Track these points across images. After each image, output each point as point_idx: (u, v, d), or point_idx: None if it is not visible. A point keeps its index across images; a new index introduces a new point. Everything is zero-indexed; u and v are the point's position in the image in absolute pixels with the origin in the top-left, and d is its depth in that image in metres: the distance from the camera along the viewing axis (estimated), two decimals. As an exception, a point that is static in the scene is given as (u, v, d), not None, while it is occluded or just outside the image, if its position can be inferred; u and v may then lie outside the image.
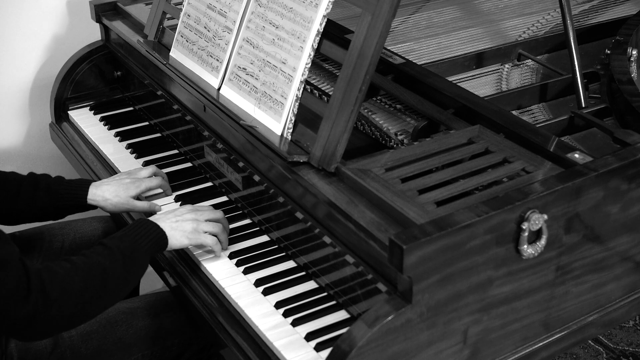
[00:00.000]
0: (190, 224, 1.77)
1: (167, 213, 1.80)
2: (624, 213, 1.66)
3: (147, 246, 1.70)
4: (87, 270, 1.60)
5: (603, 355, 2.79)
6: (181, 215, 1.78)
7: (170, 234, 1.75)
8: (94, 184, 1.96)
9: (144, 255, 1.70)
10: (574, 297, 1.68)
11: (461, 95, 1.87)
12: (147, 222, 1.75)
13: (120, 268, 1.64)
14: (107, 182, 1.97)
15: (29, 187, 1.93)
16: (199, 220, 1.79)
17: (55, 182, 1.95)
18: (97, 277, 1.61)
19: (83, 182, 1.97)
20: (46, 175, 1.98)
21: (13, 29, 2.52)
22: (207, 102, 1.98)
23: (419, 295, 1.43)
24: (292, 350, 1.57)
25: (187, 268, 1.83)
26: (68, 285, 1.57)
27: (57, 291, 1.55)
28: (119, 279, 1.64)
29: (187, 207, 1.82)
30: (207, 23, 2.02)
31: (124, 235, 1.70)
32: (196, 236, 1.77)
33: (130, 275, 1.67)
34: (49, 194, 1.93)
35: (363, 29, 1.64)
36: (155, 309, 1.90)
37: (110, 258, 1.64)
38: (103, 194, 1.94)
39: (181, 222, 1.77)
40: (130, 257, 1.66)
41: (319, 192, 1.63)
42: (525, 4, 2.52)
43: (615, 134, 1.72)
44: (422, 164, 1.64)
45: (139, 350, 1.84)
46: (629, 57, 2.05)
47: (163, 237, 1.74)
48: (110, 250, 1.65)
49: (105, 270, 1.62)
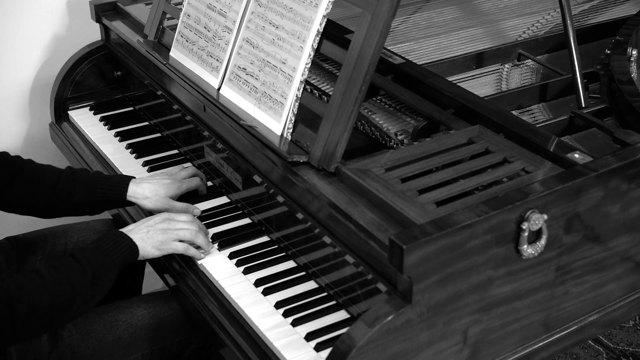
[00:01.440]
0: (160, 234, 1.78)
1: (140, 223, 1.80)
2: (624, 213, 1.66)
3: (118, 259, 1.71)
4: (55, 286, 1.61)
5: (603, 355, 2.79)
6: (153, 226, 1.79)
7: (141, 245, 1.76)
8: (134, 180, 1.95)
9: (113, 268, 1.71)
10: (574, 297, 1.68)
11: (461, 95, 1.87)
12: (119, 234, 1.75)
13: (88, 283, 1.65)
14: (148, 180, 1.97)
15: (67, 181, 1.93)
16: (170, 229, 1.79)
17: (94, 176, 1.95)
18: (65, 293, 1.62)
19: (123, 177, 1.98)
20: (84, 169, 1.99)
21: (13, 29, 2.52)
22: (207, 102, 1.98)
23: (419, 295, 1.43)
24: (292, 350, 1.57)
25: (186, 268, 1.83)
26: (36, 302, 1.58)
27: (24, 308, 1.57)
28: (85, 294, 1.65)
29: (162, 216, 1.82)
30: (207, 23, 2.02)
31: (96, 248, 1.71)
32: (166, 247, 1.78)
33: (97, 290, 1.68)
34: (87, 189, 1.93)
35: (363, 29, 1.64)
36: (155, 309, 1.90)
37: (79, 274, 1.65)
38: (143, 191, 1.93)
39: (152, 233, 1.77)
40: (99, 271, 1.67)
41: (319, 192, 1.63)
42: (525, 4, 2.52)
43: (615, 134, 1.72)
44: (422, 164, 1.64)
45: (139, 349, 1.84)
46: (629, 57, 2.05)
47: (134, 249, 1.74)
48: (80, 264, 1.66)
49: (74, 286, 1.63)
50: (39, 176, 1.93)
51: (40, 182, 1.93)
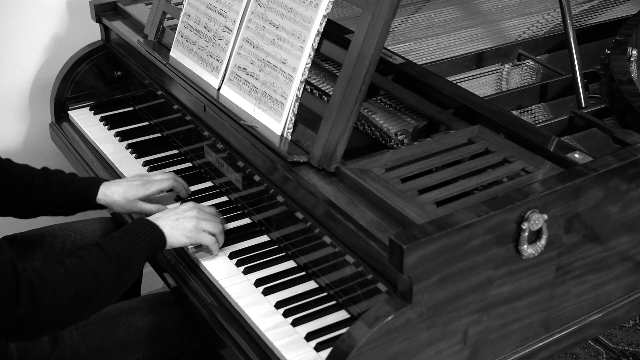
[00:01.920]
0: (191, 221, 1.76)
1: (168, 211, 1.79)
2: (624, 213, 1.66)
3: (144, 247, 1.69)
4: (79, 275, 1.59)
5: (603, 355, 2.79)
6: (182, 214, 1.77)
7: (170, 232, 1.74)
8: (105, 183, 1.94)
9: (140, 257, 1.68)
10: (574, 297, 1.68)
11: (461, 95, 1.87)
12: (146, 222, 1.73)
13: (114, 272, 1.63)
14: (118, 182, 1.95)
15: (40, 182, 1.92)
16: (199, 218, 1.78)
17: (67, 178, 1.95)
18: (90, 282, 1.59)
19: (94, 180, 1.96)
20: (59, 171, 1.97)
21: (13, 29, 2.52)
22: (207, 102, 1.98)
23: (419, 295, 1.43)
24: (292, 350, 1.57)
25: (187, 268, 1.83)
26: (59, 291, 1.56)
27: (47, 297, 1.54)
28: (112, 283, 1.63)
29: (189, 205, 1.81)
30: (207, 23, 2.02)
31: (122, 236, 1.68)
32: (196, 234, 1.76)
33: (124, 278, 1.66)
34: (60, 190, 1.92)
35: (363, 29, 1.64)
36: (156, 309, 1.90)
37: (104, 262, 1.62)
38: (112, 194, 1.92)
39: (182, 221, 1.76)
40: (125, 260, 1.65)
41: (319, 192, 1.63)
42: (525, 4, 2.52)
43: (615, 134, 1.72)
44: (422, 164, 1.64)
45: (139, 350, 1.84)
46: (629, 57, 2.05)
47: (161, 237, 1.73)
48: (105, 252, 1.63)
49: (99, 274, 1.61)
50: (15, 176, 1.92)
51: (15, 183, 1.92)
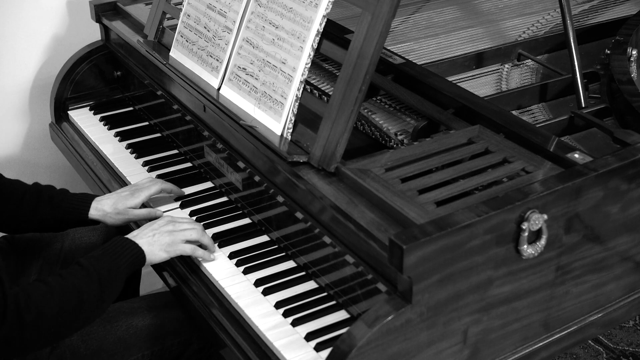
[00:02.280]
0: (167, 236, 1.77)
1: (144, 228, 1.79)
2: (624, 213, 1.66)
3: (124, 265, 1.70)
4: (62, 293, 1.60)
5: (603, 355, 2.79)
6: (158, 229, 1.78)
7: (148, 249, 1.74)
8: (97, 199, 1.95)
9: (120, 275, 1.69)
10: (574, 297, 1.68)
11: (461, 95, 1.87)
12: (125, 240, 1.74)
13: (96, 289, 1.64)
14: (108, 196, 1.97)
15: (31, 198, 1.93)
16: (176, 231, 1.78)
17: (58, 194, 1.95)
18: (73, 300, 1.61)
19: (86, 196, 1.96)
20: (50, 186, 1.98)
21: (13, 29, 2.52)
22: (207, 102, 1.98)
23: (419, 295, 1.43)
24: (292, 350, 1.57)
25: (187, 268, 1.83)
26: (44, 309, 1.57)
27: (32, 316, 1.55)
28: (94, 301, 1.64)
29: (165, 219, 1.81)
30: (207, 23, 2.02)
31: (102, 255, 1.69)
32: (174, 248, 1.77)
33: (106, 296, 1.66)
34: (52, 206, 1.93)
35: (363, 29, 1.64)
36: (155, 309, 1.90)
37: (86, 280, 1.63)
38: (103, 207, 1.93)
39: (158, 236, 1.76)
40: (107, 278, 1.66)
41: (319, 192, 1.63)
42: (525, 4, 2.52)
43: (615, 134, 1.72)
44: (422, 164, 1.64)
45: (139, 350, 1.84)
46: (629, 57, 2.05)
47: (140, 255, 1.73)
48: (87, 271, 1.64)
49: (81, 292, 1.62)
50: (6, 192, 1.93)
51: (7, 198, 1.92)
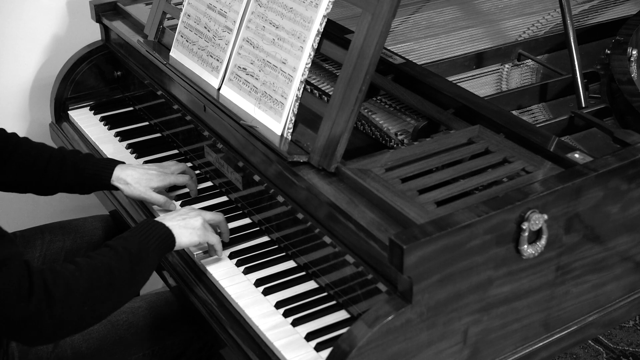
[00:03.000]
0: (198, 220, 1.76)
1: (171, 213, 1.79)
2: (624, 213, 1.66)
3: (154, 245, 1.68)
4: (92, 270, 1.57)
5: (603, 355, 2.79)
6: (187, 214, 1.77)
7: (179, 232, 1.73)
8: (120, 166, 1.96)
9: (151, 254, 1.67)
10: (574, 297, 1.68)
11: (461, 95, 1.87)
12: (153, 222, 1.73)
13: (127, 267, 1.61)
14: (134, 167, 1.97)
15: (56, 163, 1.95)
16: (204, 217, 1.78)
17: (82, 159, 1.97)
18: (103, 277, 1.58)
19: (110, 162, 1.98)
20: (76, 151, 2.00)
21: (13, 29, 2.52)
22: (207, 102, 1.98)
23: (419, 295, 1.43)
24: (292, 350, 1.57)
25: (187, 268, 1.83)
26: (73, 285, 1.53)
27: (61, 291, 1.51)
28: (126, 278, 1.61)
29: (189, 207, 1.82)
30: (207, 23, 2.02)
31: (130, 236, 1.67)
32: (204, 233, 1.76)
33: (138, 274, 1.64)
34: (75, 171, 1.94)
35: (363, 29, 1.64)
36: (156, 309, 1.90)
37: (116, 258, 1.61)
38: (125, 177, 1.94)
39: (189, 220, 1.75)
40: (137, 256, 1.64)
41: (319, 192, 1.63)
42: (525, 4, 2.52)
43: (615, 134, 1.72)
44: (422, 164, 1.64)
45: (140, 349, 1.84)
46: (629, 57, 2.05)
47: (170, 237, 1.71)
48: (115, 250, 1.62)
49: (112, 269, 1.59)
50: (32, 156, 1.95)
51: (33, 164, 1.94)
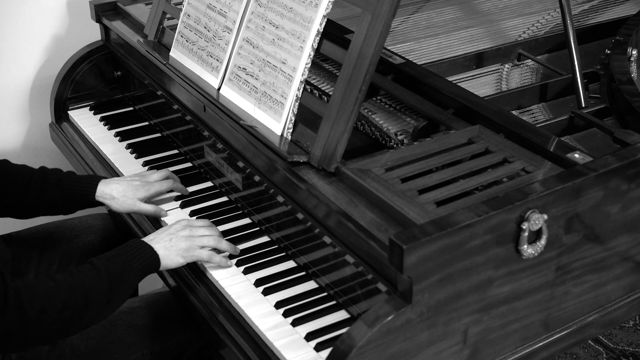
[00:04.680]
0: (185, 241, 1.75)
1: (161, 232, 1.78)
2: (624, 213, 1.66)
3: (137, 268, 1.68)
4: (69, 290, 1.58)
5: (603, 355, 2.79)
6: (175, 233, 1.76)
7: (164, 254, 1.73)
8: (104, 181, 1.95)
9: (133, 278, 1.68)
10: (574, 297, 1.68)
11: (461, 95, 1.87)
12: (140, 243, 1.73)
13: (104, 290, 1.62)
14: (117, 180, 1.96)
15: (38, 181, 1.93)
16: (193, 236, 1.77)
17: (65, 177, 1.95)
18: (79, 299, 1.59)
19: (93, 178, 1.97)
20: (57, 169, 1.98)
21: (13, 29, 2.52)
22: (207, 102, 1.98)
23: (419, 295, 1.43)
24: (292, 350, 1.57)
25: (186, 268, 1.83)
26: (47, 305, 1.55)
27: (35, 310, 1.53)
28: (101, 301, 1.62)
29: (181, 223, 1.80)
30: (207, 23, 2.02)
31: (115, 256, 1.68)
32: (191, 253, 1.75)
33: (115, 297, 1.65)
34: (59, 189, 1.93)
35: (363, 29, 1.64)
36: (155, 309, 1.90)
37: (96, 279, 1.62)
38: (111, 192, 1.93)
39: (175, 241, 1.75)
40: (117, 279, 1.64)
41: (319, 192, 1.63)
42: (525, 4, 2.52)
43: (615, 134, 1.72)
44: (422, 164, 1.64)
45: (139, 349, 1.84)
46: (629, 57, 2.05)
47: (155, 259, 1.72)
48: (97, 270, 1.63)
49: (89, 291, 1.60)
50: (13, 177, 1.93)
51: (13, 183, 1.92)
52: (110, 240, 2.14)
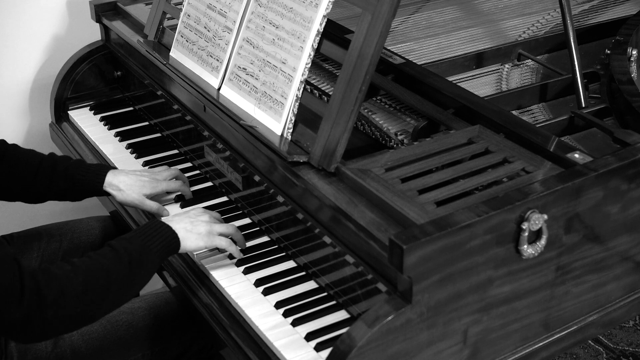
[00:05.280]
0: (204, 226, 1.75)
1: (180, 214, 1.77)
2: (624, 213, 1.66)
3: (157, 248, 1.66)
4: (88, 272, 1.55)
5: (603, 355, 2.79)
6: (195, 218, 1.76)
7: (185, 235, 1.72)
8: (112, 171, 1.95)
9: (153, 258, 1.65)
10: (574, 297, 1.68)
11: (461, 95, 1.87)
12: (160, 224, 1.71)
13: (125, 270, 1.59)
14: (126, 173, 1.96)
15: (47, 169, 1.93)
16: (212, 222, 1.77)
17: (73, 165, 1.95)
18: (100, 280, 1.56)
19: (102, 167, 1.97)
20: (66, 157, 1.98)
21: (13, 29, 2.52)
22: (207, 102, 1.98)
23: (419, 295, 1.43)
24: (292, 350, 1.57)
25: (186, 268, 1.83)
26: (67, 287, 1.52)
27: (54, 294, 1.50)
28: (123, 281, 1.59)
29: (200, 210, 1.80)
30: (207, 23, 2.02)
31: (134, 237, 1.66)
32: (211, 238, 1.74)
33: (136, 277, 1.63)
34: (66, 177, 1.93)
35: (363, 29, 1.64)
36: (156, 309, 1.90)
37: (115, 260, 1.59)
38: (118, 184, 1.93)
39: (196, 224, 1.74)
40: (137, 260, 1.62)
41: (319, 192, 1.63)
42: (525, 4, 2.52)
43: (615, 134, 1.72)
44: (422, 164, 1.64)
45: (140, 350, 1.84)
46: (629, 57, 2.05)
47: (175, 240, 1.70)
48: (116, 252, 1.61)
49: (109, 272, 1.57)
50: (22, 162, 1.93)
51: (23, 169, 1.92)
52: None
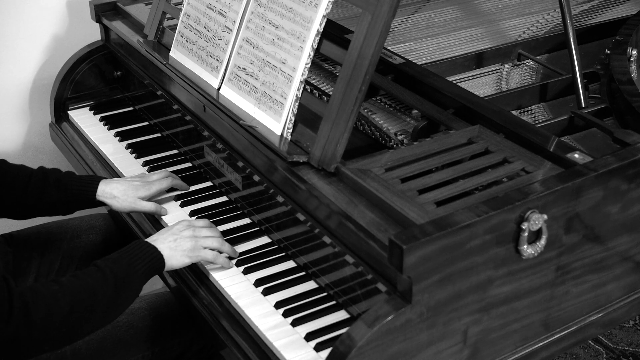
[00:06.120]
0: (188, 241, 1.75)
1: (164, 232, 1.77)
2: (624, 213, 1.66)
3: (142, 269, 1.67)
4: (75, 292, 1.57)
5: (603, 355, 2.79)
6: (179, 233, 1.76)
7: (169, 254, 1.72)
8: (104, 181, 1.96)
9: (138, 279, 1.67)
10: (574, 297, 1.68)
11: (461, 95, 1.87)
12: (145, 244, 1.72)
13: (110, 292, 1.61)
14: (118, 180, 1.97)
15: (38, 181, 1.92)
16: (197, 237, 1.77)
17: (65, 177, 1.95)
18: (85, 300, 1.57)
19: (93, 178, 1.97)
20: (56, 169, 1.98)
21: (13, 29, 2.52)
22: (207, 102, 1.98)
23: (419, 295, 1.43)
24: (292, 350, 1.57)
25: (187, 268, 1.83)
26: (54, 308, 1.53)
27: (41, 314, 1.51)
28: (108, 303, 1.61)
29: (184, 224, 1.80)
30: (207, 23, 2.02)
31: (119, 258, 1.67)
32: (196, 253, 1.75)
33: (121, 299, 1.64)
34: (58, 189, 1.92)
35: (363, 29, 1.64)
36: (156, 310, 1.90)
37: (101, 281, 1.61)
38: (112, 191, 1.94)
39: (180, 241, 1.75)
40: (123, 281, 1.63)
41: (319, 192, 1.63)
42: (525, 4, 2.52)
43: (615, 134, 1.72)
44: (422, 164, 1.64)
45: (140, 350, 1.84)
46: (629, 57, 2.05)
47: (160, 260, 1.71)
48: (102, 272, 1.62)
49: (95, 293, 1.59)
50: (11, 177, 1.92)
51: (12, 184, 1.91)
52: (111, 240, 2.14)
